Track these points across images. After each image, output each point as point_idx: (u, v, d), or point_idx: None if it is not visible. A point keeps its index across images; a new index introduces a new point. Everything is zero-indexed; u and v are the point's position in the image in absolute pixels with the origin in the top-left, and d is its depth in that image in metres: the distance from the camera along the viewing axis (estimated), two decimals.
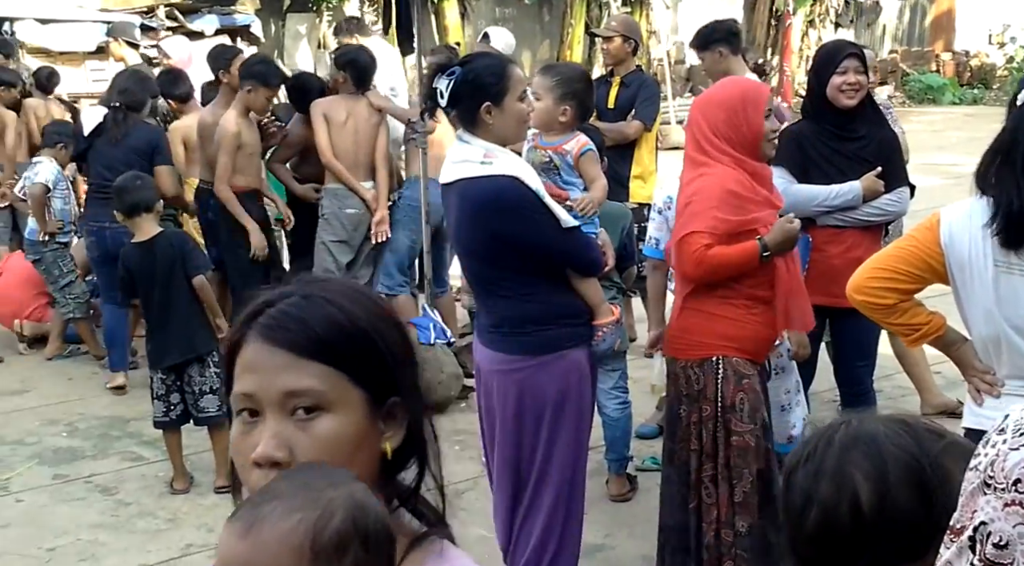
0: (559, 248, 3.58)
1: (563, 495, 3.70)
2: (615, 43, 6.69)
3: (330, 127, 6.52)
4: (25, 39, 13.15)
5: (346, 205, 6.57)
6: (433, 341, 6.28)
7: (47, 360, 7.38)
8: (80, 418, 6.26)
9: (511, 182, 3.46)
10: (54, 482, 5.40)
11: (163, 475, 5.46)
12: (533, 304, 3.58)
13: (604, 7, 17.71)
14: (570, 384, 3.65)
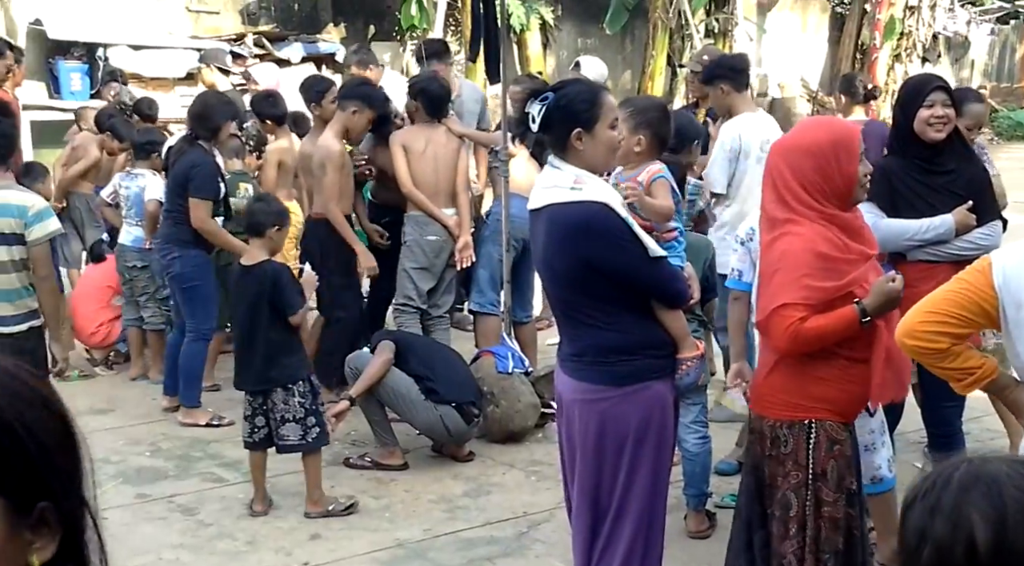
0: (646, 277, 3.55)
1: (642, 529, 3.65)
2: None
3: (409, 156, 6.58)
4: (118, 65, 13.51)
5: (427, 232, 6.62)
6: (511, 370, 6.28)
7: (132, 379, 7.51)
8: (163, 438, 6.35)
9: (600, 208, 3.45)
10: (137, 501, 5.48)
11: (242, 497, 5.51)
12: (617, 333, 3.56)
13: (687, 38, 17.68)
14: (652, 416, 3.61)
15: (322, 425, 5.26)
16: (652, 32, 17.70)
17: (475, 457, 6.04)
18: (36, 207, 4.81)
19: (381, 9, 18.36)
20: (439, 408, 5.80)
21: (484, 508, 5.41)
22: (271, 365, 5.20)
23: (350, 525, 5.22)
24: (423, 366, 5.88)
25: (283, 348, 5.20)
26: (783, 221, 3.44)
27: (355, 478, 5.76)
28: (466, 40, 16.41)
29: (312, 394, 5.24)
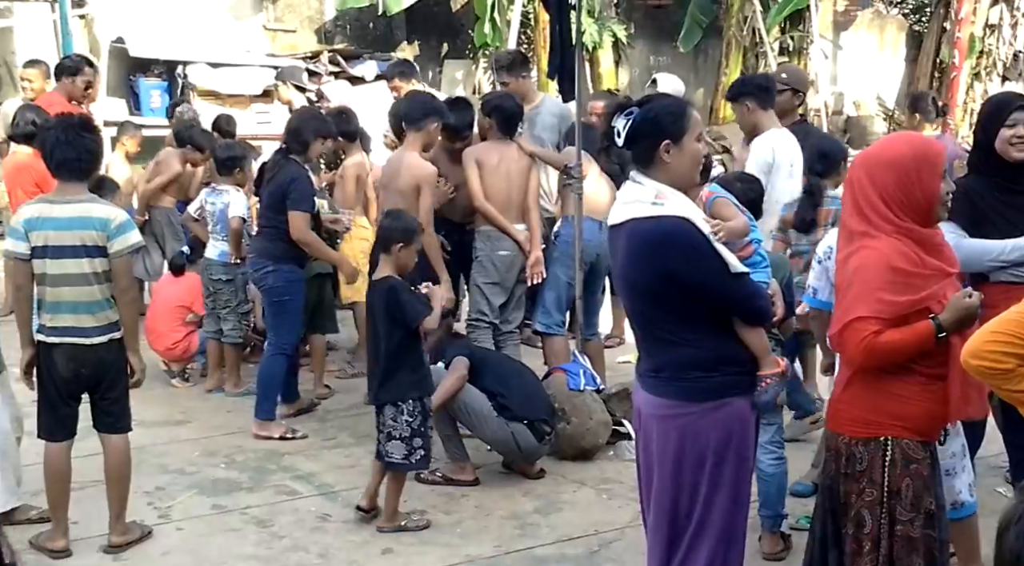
0: (727, 293, 3.52)
1: (721, 548, 3.61)
2: (784, 96, 6.63)
3: (482, 171, 6.60)
4: (196, 82, 13.77)
5: (499, 247, 6.63)
6: (583, 387, 6.26)
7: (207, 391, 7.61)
8: (237, 450, 6.42)
9: (682, 223, 3.45)
10: (212, 512, 5.53)
11: (315, 510, 5.55)
12: (697, 349, 3.53)
13: (761, 56, 17.55)
14: (732, 433, 3.57)
15: (427, 448, 5.32)
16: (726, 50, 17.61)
17: (546, 474, 6.03)
18: (118, 220, 4.89)
19: (455, 27, 18.50)
20: (511, 425, 5.80)
21: (555, 525, 5.39)
22: (386, 381, 5.28)
23: (421, 540, 5.22)
24: (496, 382, 5.89)
25: (400, 365, 5.26)
26: (861, 234, 3.40)
27: (426, 493, 5.77)
28: (539, 57, 16.49)
29: (422, 416, 5.29)
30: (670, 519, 3.65)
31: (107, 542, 5.06)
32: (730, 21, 17.51)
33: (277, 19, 17.10)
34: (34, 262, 4.86)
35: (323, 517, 5.47)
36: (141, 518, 5.31)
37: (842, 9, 20.98)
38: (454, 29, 18.54)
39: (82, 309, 4.87)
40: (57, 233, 4.82)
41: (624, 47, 18.63)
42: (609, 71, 17.89)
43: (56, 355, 4.89)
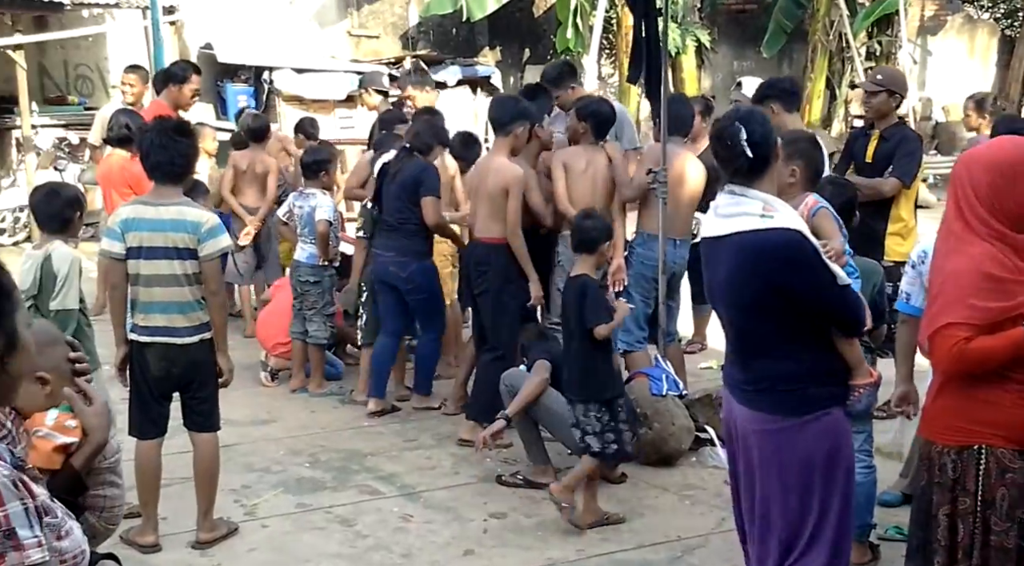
0: (834, 303, 3.51)
1: (832, 557, 3.60)
2: (880, 97, 6.53)
3: (568, 175, 6.59)
4: (282, 87, 13.98)
5: None
6: (665, 392, 6.21)
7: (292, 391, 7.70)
8: (321, 450, 6.48)
9: (795, 235, 3.45)
10: (297, 510, 5.60)
11: (397, 510, 5.59)
12: (795, 362, 3.54)
13: (847, 61, 17.32)
14: (836, 444, 3.58)
15: (620, 443, 5.37)
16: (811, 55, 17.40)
17: (627, 479, 6.00)
18: (209, 224, 4.97)
19: (537, 33, 18.54)
20: None
21: (637, 530, 5.36)
22: (579, 379, 5.37)
23: (503, 542, 5.23)
24: None
25: (592, 364, 5.31)
26: (957, 236, 3.35)
27: (507, 495, 5.78)
28: (621, 63, 16.45)
29: (609, 413, 5.34)
30: (780, 530, 3.64)
31: (195, 538, 5.15)
32: (816, 26, 17.30)
33: (361, 25, 17.29)
34: (128, 262, 4.96)
35: (405, 517, 5.50)
36: (228, 515, 5.39)
37: (931, 14, 20.63)
38: (536, 35, 18.59)
39: (173, 309, 4.96)
40: (151, 234, 4.92)
41: (707, 52, 18.52)
42: (691, 76, 17.79)
43: (148, 354, 4.98)
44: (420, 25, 17.68)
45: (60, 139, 13.87)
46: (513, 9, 17.63)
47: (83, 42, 14.68)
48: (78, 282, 5.19)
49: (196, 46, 15.35)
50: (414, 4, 17.61)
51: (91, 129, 9.85)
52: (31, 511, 1.91)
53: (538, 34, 18.55)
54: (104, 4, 13.72)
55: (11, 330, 1.99)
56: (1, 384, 2.01)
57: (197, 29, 15.25)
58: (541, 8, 18.51)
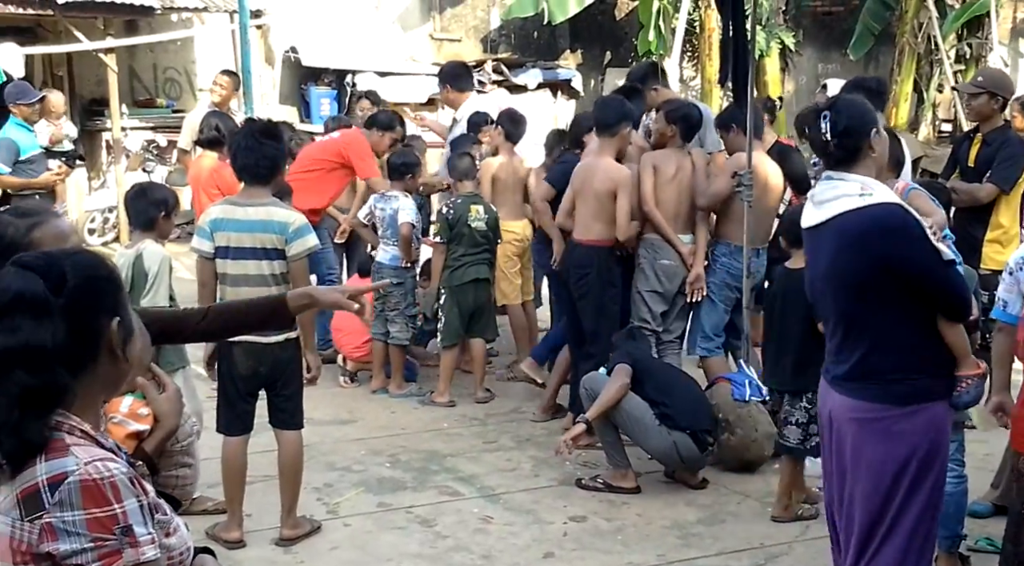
0: (940, 279, 3.45)
1: (913, 549, 3.53)
2: (981, 99, 6.40)
3: (657, 178, 6.55)
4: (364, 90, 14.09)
5: (662, 256, 6.58)
6: (748, 398, 6.14)
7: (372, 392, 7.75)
8: (402, 450, 6.52)
9: (897, 209, 3.45)
10: (378, 510, 5.63)
11: (477, 511, 5.60)
12: (899, 352, 3.48)
13: (936, 64, 17.00)
14: (934, 438, 3.50)
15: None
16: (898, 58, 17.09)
17: (708, 485, 5.95)
18: (296, 224, 5.03)
19: (619, 35, 18.48)
20: (673, 434, 5.74)
21: (719, 537, 5.30)
22: (796, 370, 5.33)
23: (583, 545, 5.21)
24: (658, 391, 5.83)
25: (811, 356, 5.14)
26: None
27: (587, 499, 5.76)
28: (703, 65, 16.32)
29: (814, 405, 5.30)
30: (865, 518, 3.58)
31: (279, 535, 5.20)
32: (904, 28, 16.97)
33: (443, 28, 17.37)
34: (217, 261, 5.04)
35: (485, 519, 5.51)
36: (310, 513, 5.44)
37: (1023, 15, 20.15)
38: (617, 37, 18.52)
39: None
40: (239, 235, 4.99)
41: (792, 55, 18.30)
42: (775, 79, 17.59)
43: (236, 352, 5.05)
44: (501, 28, 17.72)
45: (148, 141, 14.13)
46: (595, 12, 17.57)
47: (172, 46, 14.95)
48: (168, 279, 5.28)
49: (281, 50, 15.56)
50: (496, 7, 17.65)
51: (180, 133, 10.01)
52: (145, 508, 1.94)
53: (619, 37, 18.48)
54: (193, 8, 13.95)
55: (128, 320, 2.04)
56: (119, 372, 2.05)
57: (283, 33, 15.45)
58: (623, 11, 18.44)
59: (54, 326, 1.90)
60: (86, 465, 1.88)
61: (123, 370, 2.06)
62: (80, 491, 1.86)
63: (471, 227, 7.29)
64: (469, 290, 7.33)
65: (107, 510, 1.86)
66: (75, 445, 1.92)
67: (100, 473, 1.88)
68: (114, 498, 1.88)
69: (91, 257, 2.07)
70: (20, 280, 1.92)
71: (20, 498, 1.88)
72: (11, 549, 1.88)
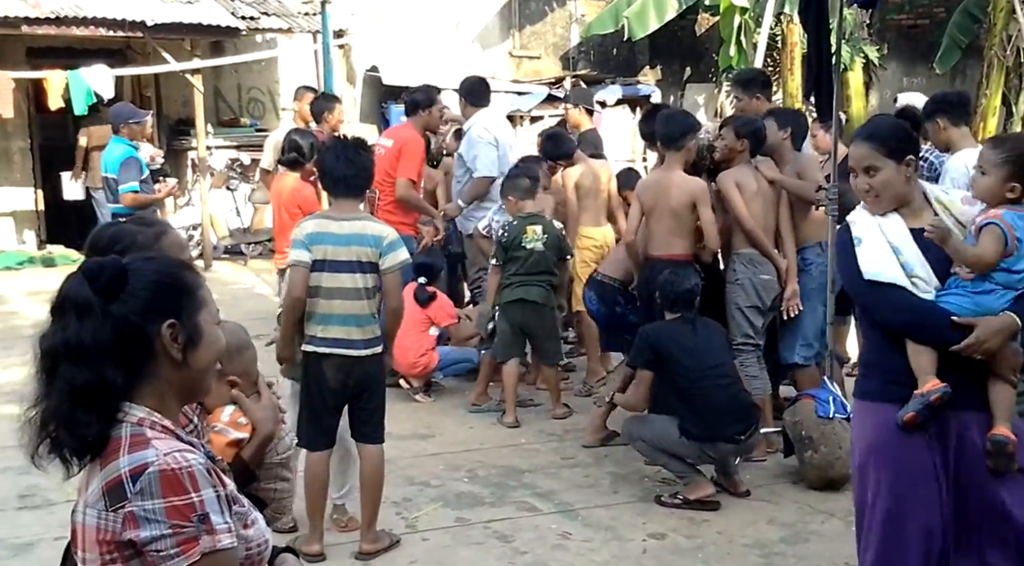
0: (858, 297, 3.76)
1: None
2: None
3: (743, 195, 6.48)
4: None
5: (761, 271, 6.51)
6: (832, 415, 6.03)
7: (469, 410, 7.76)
8: (480, 466, 6.51)
9: (843, 227, 3.77)
10: (456, 525, 5.63)
11: (555, 527, 5.56)
12: (866, 351, 3.93)
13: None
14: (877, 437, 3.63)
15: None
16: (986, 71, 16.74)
17: (750, 495, 5.96)
18: (390, 237, 5.06)
19: (698, 51, 18.39)
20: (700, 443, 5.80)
21: (802, 556, 5.21)
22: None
23: (662, 563, 5.16)
24: (681, 395, 5.85)
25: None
26: None
27: (666, 516, 5.70)
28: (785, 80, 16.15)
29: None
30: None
31: (358, 549, 5.22)
32: (992, 40, 16.61)
33: (523, 46, 17.45)
34: (311, 274, 5.06)
35: (564, 535, 5.48)
36: (389, 527, 5.45)
37: None
38: (697, 53, 18.44)
39: (352, 322, 5.05)
40: (335, 248, 5.03)
41: (876, 68, 18.04)
42: (858, 93, 17.36)
43: (325, 366, 5.08)
44: (581, 45, 17.75)
45: (232, 160, 14.39)
46: (675, 28, 17.52)
47: (256, 66, 15.21)
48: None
49: (363, 69, 15.74)
50: (575, 25, 17.69)
51: (263, 152, 10.16)
52: (222, 498, 2.01)
53: (699, 52, 18.39)
54: (278, 29, 14.18)
55: (192, 326, 2.10)
56: (185, 377, 2.11)
57: (364, 52, 15.64)
58: (703, 26, 18.35)
59: (96, 325, 1.99)
60: (165, 456, 1.97)
61: (190, 376, 2.12)
62: (159, 480, 1.94)
63: (527, 248, 7.24)
64: (515, 309, 7.29)
65: (185, 498, 1.94)
66: (156, 439, 2.01)
67: (178, 463, 1.97)
68: (192, 487, 1.96)
69: (158, 263, 2.15)
70: (69, 283, 2.04)
71: (105, 490, 1.96)
72: (97, 541, 1.97)
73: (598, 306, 7.31)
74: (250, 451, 2.76)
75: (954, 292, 3.51)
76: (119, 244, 2.88)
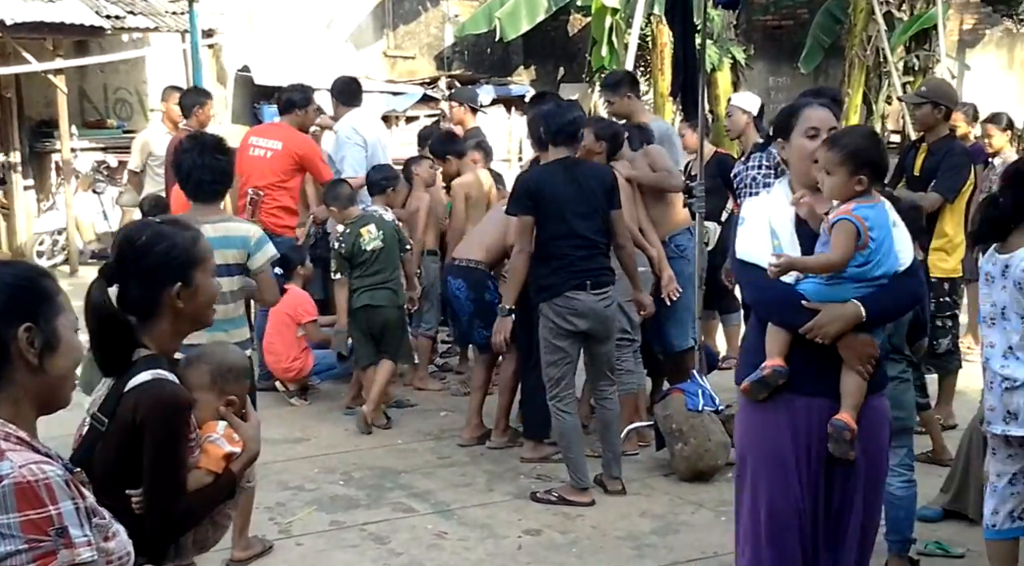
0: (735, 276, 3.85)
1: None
2: (924, 109, 6.48)
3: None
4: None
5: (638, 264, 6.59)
6: (701, 408, 6.16)
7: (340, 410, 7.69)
8: (355, 468, 6.47)
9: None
10: (331, 528, 5.58)
11: (431, 527, 5.56)
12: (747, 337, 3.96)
13: (884, 76, 17.18)
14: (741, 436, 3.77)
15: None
16: (848, 70, 17.28)
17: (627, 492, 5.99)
18: (256, 236, 4.97)
19: (571, 51, 18.57)
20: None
21: (672, 547, 5.30)
22: None
23: (537, 559, 5.19)
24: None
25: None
26: None
27: (542, 512, 5.74)
28: (656, 80, 16.43)
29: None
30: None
31: (230, 556, 5.12)
32: (853, 41, 17.17)
33: (397, 46, 17.39)
34: None
35: (440, 534, 5.47)
36: (263, 533, 5.38)
37: (969, 27, 20.43)
38: (570, 53, 18.61)
39: (220, 327, 4.91)
40: None
41: (743, 69, 18.46)
42: (726, 92, 17.71)
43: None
44: (455, 45, 17.77)
45: (99, 162, 14.03)
46: (548, 28, 17.67)
47: (122, 66, 14.85)
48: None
49: (234, 69, 15.50)
50: (449, 25, 17.70)
51: (131, 154, 9.93)
52: (82, 511, 1.97)
53: (572, 53, 18.57)
54: (144, 28, 13.87)
55: (50, 331, 2.06)
56: (42, 384, 2.07)
57: (235, 52, 15.39)
58: (576, 27, 18.55)
59: None
60: (20, 468, 1.91)
61: (47, 382, 2.07)
62: (15, 493, 1.89)
63: (368, 250, 7.17)
64: (363, 315, 7.23)
65: (42, 512, 1.90)
66: (11, 451, 1.95)
67: (35, 475, 1.91)
68: (49, 500, 1.91)
69: (15, 267, 2.11)
70: None
71: None
72: None
73: (467, 293, 6.94)
74: (239, 466, 2.81)
75: (812, 279, 3.61)
76: (159, 245, 2.81)
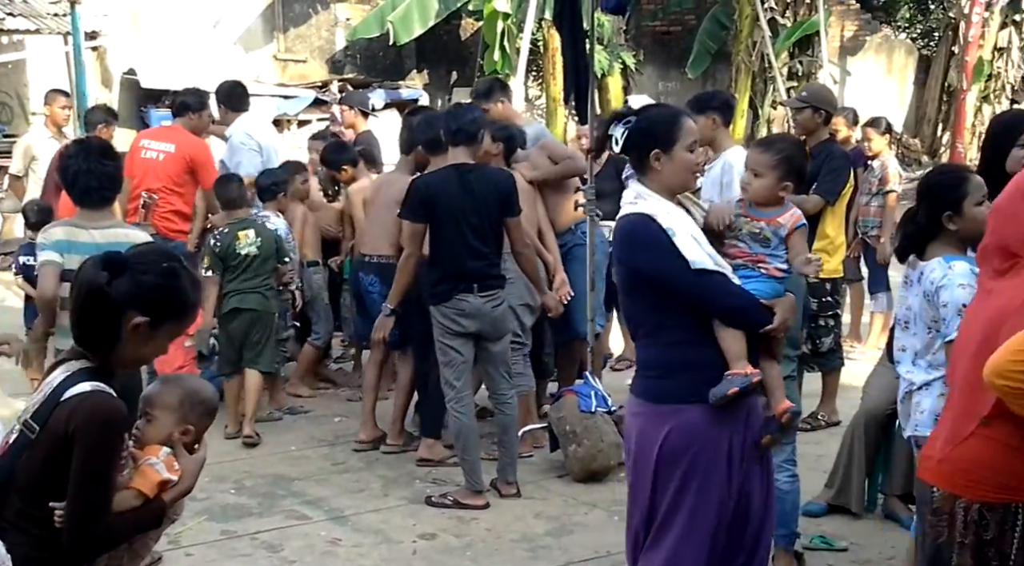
0: (686, 287, 3.50)
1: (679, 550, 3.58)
2: (804, 114, 6.63)
3: None
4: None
5: None
6: (594, 409, 6.22)
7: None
8: (247, 476, 6.39)
9: (644, 219, 3.54)
10: (222, 538, 5.50)
11: (325, 534, 5.52)
12: (662, 348, 3.60)
13: (770, 81, 17.59)
14: (682, 441, 3.54)
15: None
16: (735, 75, 17.66)
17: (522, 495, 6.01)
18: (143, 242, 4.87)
19: (464, 55, 18.61)
20: None
21: (566, 548, 5.35)
22: None
23: (432, 563, 5.19)
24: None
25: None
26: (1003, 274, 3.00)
27: (436, 516, 5.74)
28: (548, 84, 16.56)
29: None
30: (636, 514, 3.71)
31: None
32: (739, 47, 17.56)
33: (288, 49, 17.23)
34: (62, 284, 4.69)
35: (333, 541, 5.43)
36: None
37: (851, 34, 21.04)
38: (463, 57, 18.66)
39: None
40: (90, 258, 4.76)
41: (633, 74, 18.72)
42: (618, 97, 17.96)
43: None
44: (347, 49, 17.67)
45: None
46: (440, 32, 17.69)
47: (2, 69, 14.45)
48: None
49: (119, 72, 15.19)
50: (340, 28, 17.59)
51: (12, 158, 9.66)
52: None
53: (465, 57, 18.62)
54: (24, 30, 13.51)
55: None
56: None
57: (120, 55, 15.09)
58: (468, 31, 18.60)
59: None
60: None
61: None
62: None
63: (241, 254, 7.05)
64: (232, 320, 7.11)
65: None
66: None
67: None
68: None
69: None
70: None
71: None
72: None
73: (380, 288, 6.74)
74: (171, 495, 2.82)
75: (757, 280, 3.66)
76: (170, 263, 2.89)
